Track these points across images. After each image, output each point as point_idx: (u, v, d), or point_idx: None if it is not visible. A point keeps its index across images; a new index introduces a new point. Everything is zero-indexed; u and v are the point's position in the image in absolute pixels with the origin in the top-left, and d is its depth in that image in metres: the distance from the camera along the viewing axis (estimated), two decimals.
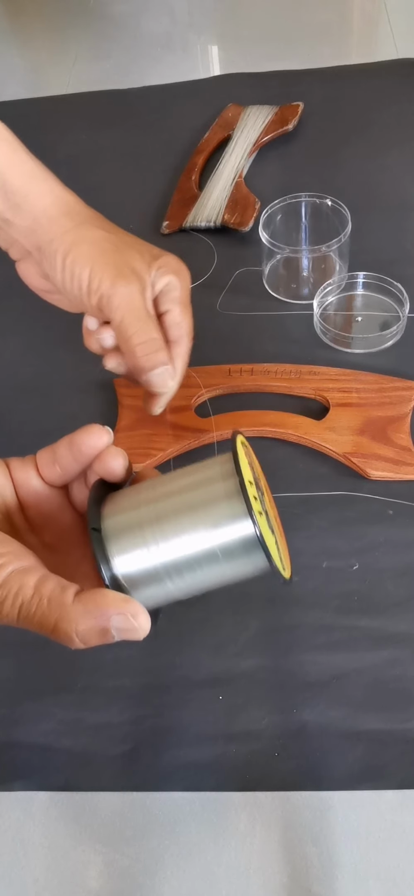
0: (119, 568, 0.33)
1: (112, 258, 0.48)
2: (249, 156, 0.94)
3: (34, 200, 0.49)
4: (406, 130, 0.98)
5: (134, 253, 0.50)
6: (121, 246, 0.50)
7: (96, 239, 0.49)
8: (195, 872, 0.47)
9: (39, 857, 0.48)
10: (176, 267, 0.51)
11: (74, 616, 0.32)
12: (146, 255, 0.50)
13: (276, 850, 0.47)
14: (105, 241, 0.49)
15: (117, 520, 0.34)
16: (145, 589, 0.34)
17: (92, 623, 0.32)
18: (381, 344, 0.71)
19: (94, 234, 0.49)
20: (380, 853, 0.46)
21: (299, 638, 0.54)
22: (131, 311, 0.48)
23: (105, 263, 0.48)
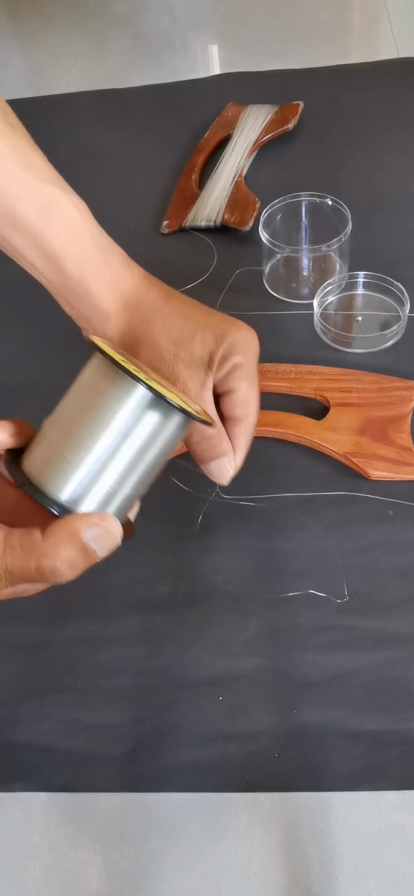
0: (64, 498, 0.35)
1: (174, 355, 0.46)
2: (249, 155, 0.94)
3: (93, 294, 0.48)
4: (406, 130, 0.98)
5: (197, 340, 0.46)
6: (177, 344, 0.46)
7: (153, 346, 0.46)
8: (195, 873, 0.47)
9: (39, 858, 0.48)
10: (241, 342, 0.46)
11: (50, 549, 0.33)
12: (209, 339, 0.46)
13: (276, 851, 0.47)
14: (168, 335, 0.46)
15: (35, 462, 0.36)
16: (96, 501, 0.36)
17: (70, 547, 0.33)
18: (381, 344, 0.71)
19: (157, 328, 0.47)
20: (380, 853, 0.46)
21: (299, 638, 0.54)
22: None
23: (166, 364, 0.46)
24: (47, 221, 0.46)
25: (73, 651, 0.55)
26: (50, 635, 0.56)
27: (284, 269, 0.79)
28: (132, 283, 0.49)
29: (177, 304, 0.48)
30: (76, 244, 0.47)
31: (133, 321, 0.47)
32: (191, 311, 0.48)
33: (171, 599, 0.57)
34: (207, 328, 0.46)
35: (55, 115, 1.12)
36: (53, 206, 0.47)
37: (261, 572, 0.58)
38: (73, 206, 0.48)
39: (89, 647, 0.55)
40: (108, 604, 0.57)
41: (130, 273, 0.49)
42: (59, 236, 0.47)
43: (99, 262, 0.48)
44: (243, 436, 0.48)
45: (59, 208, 0.47)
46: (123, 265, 0.49)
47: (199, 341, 0.46)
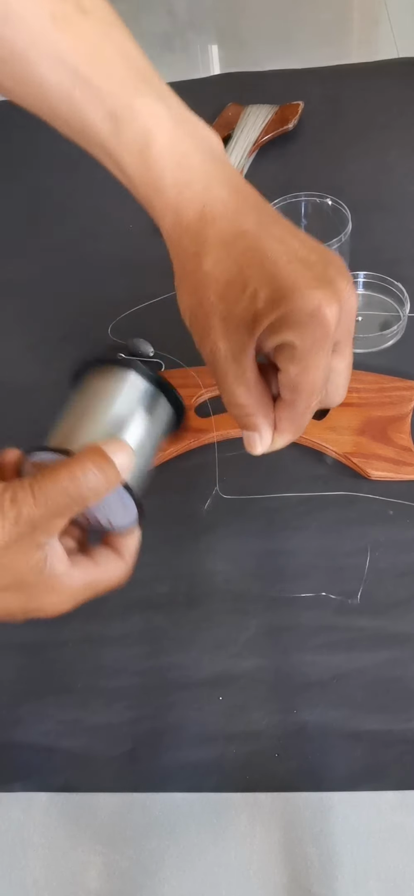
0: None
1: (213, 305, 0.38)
2: (250, 155, 0.94)
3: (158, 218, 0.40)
4: (406, 130, 0.98)
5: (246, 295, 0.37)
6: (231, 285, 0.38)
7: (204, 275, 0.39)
8: (195, 873, 0.47)
9: (39, 858, 0.48)
10: (306, 318, 0.36)
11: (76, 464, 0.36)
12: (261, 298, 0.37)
13: (276, 851, 0.47)
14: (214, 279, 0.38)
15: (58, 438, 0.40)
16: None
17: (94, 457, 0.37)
18: (381, 344, 0.71)
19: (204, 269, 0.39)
20: (380, 853, 0.46)
21: (299, 638, 0.54)
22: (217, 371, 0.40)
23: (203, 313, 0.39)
24: (116, 134, 0.39)
25: (73, 651, 0.55)
26: (50, 635, 0.56)
27: None
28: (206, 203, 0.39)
29: (248, 240, 0.38)
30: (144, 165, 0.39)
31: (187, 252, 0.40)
32: (259, 255, 0.38)
33: (171, 599, 0.57)
34: (266, 283, 0.37)
35: None
36: (123, 115, 0.39)
37: (261, 572, 0.57)
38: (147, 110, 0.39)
39: (89, 647, 0.55)
40: (108, 604, 0.57)
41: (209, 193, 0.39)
42: (128, 153, 0.39)
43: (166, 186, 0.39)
44: (288, 420, 0.41)
45: (128, 117, 0.39)
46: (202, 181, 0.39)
47: (247, 298, 0.37)
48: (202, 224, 0.39)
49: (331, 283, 0.37)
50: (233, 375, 0.39)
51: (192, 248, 0.39)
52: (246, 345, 0.38)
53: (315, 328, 0.36)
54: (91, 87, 0.38)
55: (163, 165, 0.39)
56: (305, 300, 0.36)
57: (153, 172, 0.39)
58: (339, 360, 0.40)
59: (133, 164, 0.39)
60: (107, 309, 0.77)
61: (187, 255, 0.39)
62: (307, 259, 0.37)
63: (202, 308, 0.39)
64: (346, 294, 0.37)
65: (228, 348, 0.38)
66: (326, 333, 0.36)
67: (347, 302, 0.38)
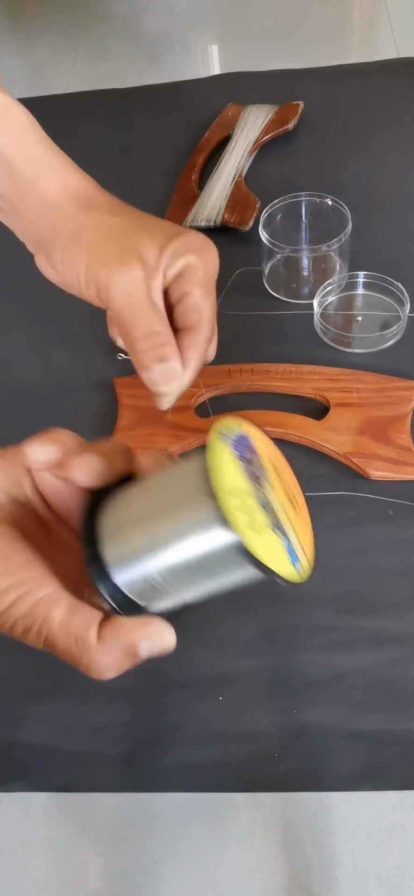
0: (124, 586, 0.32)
1: (115, 243, 0.43)
2: (249, 155, 0.94)
3: (42, 188, 0.46)
4: (406, 130, 0.98)
5: (144, 235, 0.43)
6: (129, 230, 0.44)
7: (100, 223, 0.44)
8: (195, 873, 0.47)
9: (39, 857, 0.48)
10: (197, 245, 0.43)
11: (102, 658, 0.32)
12: (159, 235, 0.43)
13: (276, 851, 0.47)
14: (110, 226, 0.44)
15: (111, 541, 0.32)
16: (154, 602, 0.33)
17: (122, 659, 0.32)
18: (381, 344, 0.71)
19: (99, 219, 0.45)
20: (380, 853, 0.46)
21: (299, 638, 0.54)
22: (130, 301, 0.43)
23: (105, 250, 0.43)
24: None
25: None
26: None
27: (283, 269, 0.79)
28: (83, 182, 0.47)
29: (128, 207, 0.47)
30: (25, 144, 0.47)
31: (79, 213, 0.45)
32: (143, 215, 0.46)
33: None
34: (158, 227, 0.44)
35: (55, 115, 1.12)
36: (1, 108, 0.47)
37: None
38: (22, 111, 0.47)
39: None
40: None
41: (82, 175, 0.48)
42: (8, 137, 0.46)
43: (48, 160, 0.47)
44: (194, 348, 0.44)
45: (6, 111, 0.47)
46: (74, 168, 0.48)
47: (147, 236, 0.43)
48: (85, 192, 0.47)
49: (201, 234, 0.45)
50: (148, 303, 0.43)
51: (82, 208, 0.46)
52: (155, 273, 0.42)
53: (210, 255, 0.44)
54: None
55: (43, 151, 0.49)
56: (198, 236, 0.44)
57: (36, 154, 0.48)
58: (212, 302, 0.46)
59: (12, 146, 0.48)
60: None
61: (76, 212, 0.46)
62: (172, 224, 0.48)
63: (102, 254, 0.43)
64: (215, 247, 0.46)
65: (140, 278, 0.42)
66: (216, 265, 0.45)
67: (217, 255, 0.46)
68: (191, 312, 0.43)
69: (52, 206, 0.46)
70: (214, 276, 0.45)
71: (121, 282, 0.43)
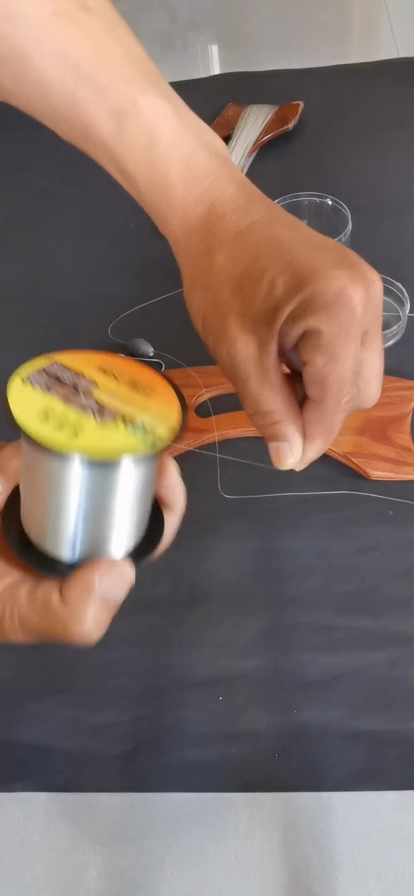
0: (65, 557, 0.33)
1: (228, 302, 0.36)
2: (250, 155, 0.94)
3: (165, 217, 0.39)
4: (406, 130, 0.98)
5: (263, 285, 0.35)
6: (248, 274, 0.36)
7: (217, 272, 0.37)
8: (195, 873, 0.47)
9: (39, 857, 0.48)
10: (332, 299, 0.33)
11: (72, 613, 0.31)
12: (280, 286, 0.34)
13: (276, 851, 0.47)
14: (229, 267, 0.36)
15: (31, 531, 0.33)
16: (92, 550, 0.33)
17: (91, 605, 0.31)
18: None
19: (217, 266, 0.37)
20: (380, 853, 0.46)
21: (299, 638, 0.54)
22: (238, 373, 0.37)
23: (218, 313, 0.36)
24: (119, 132, 0.38)
25: (73, 651, 0.55)
26: None
27: None
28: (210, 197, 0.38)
29: (261, 229, 0.36)
30: (149, 163, 0.38)
31: (197, 251, 0.38)
32: (274, 243, 0.36)
33: (172, 599, 0.57)
34: (284, 270, 0.34)
35: None
36: (127, 112, 0.38)
37: (261, 572, 0.57)
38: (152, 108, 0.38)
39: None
40: None
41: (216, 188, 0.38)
42: (132, 152, 0.38)
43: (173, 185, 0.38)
44: (318, 423, 0.37)
45: (133, 115, 0.38)
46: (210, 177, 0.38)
47: (264, 288, 0.34)
48: (212, 220, 0.37)
49: (354, 265, 0.34)
50: (256, 379, 0.36)
51: (202, 246, 0.37)
52: (267, 341, 0.35)
53: (341, 311, 0.33)
54: (94, 84, 0.37)
55: (169, 163, 0.37)
56: (329, 281, 0.33)
57: (158, 171, 0.38)
58: (369, 352, 0.36)
59: (137, 163, 0.38)
60: (107, 309, 0.77)
61: (197, 253, 0.37)
62: (324, 245, 0.35)
63: (217, 308, 0.36)
64: (371, 277, 0.34)
65: (248, 348, 0.36)
66: (354, 316, 0.33)
67: (374, 286, 0.34)
68: (312, 385, 0.36)
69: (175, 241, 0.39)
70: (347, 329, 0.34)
71: (228, 353, 0.37)
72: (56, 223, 0.94)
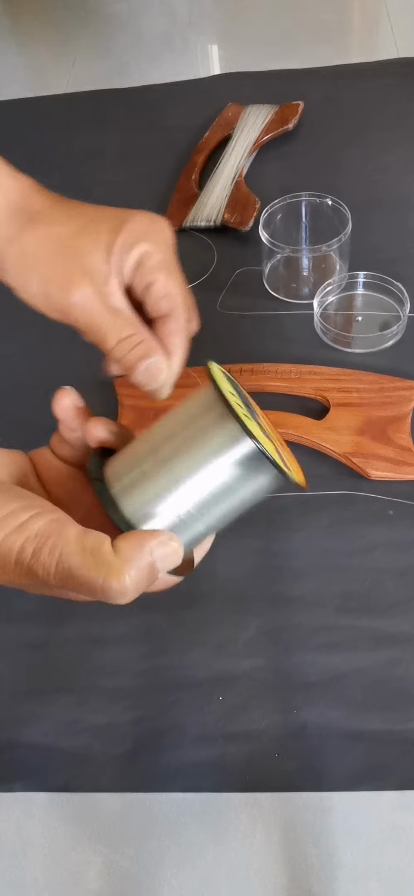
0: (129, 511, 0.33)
1: (60, 263, 0.42)
2: (250, 155, 0.94)
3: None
4: (406, 130, 0.98)
5: (87, 241, 0.41)
6: (70, 239, 0.42)
7: (42, 241, 0.42)
8: (195, 873, 0.47)
9: (39, 857, 0.48)
10: (144, 230, 0.41)
11: (120, 567, 0.30)
12: (104, 233, 0.41)
13: (276, 851, 0.47)
14: (52, 241, 0.42)
15: (116, 466, 0.34)
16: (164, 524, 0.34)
17: (140, 566, 0.31)
18: (381, 344, 0.71)
19: (40, 235, 0.42)
20: (380, 853, 0.46)
21: (299, 638, 0.54)
22: (91, 317, 0.41)
23: (52, 274, 0.41)
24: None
25: (73, 651, 0.55)
26: (50, 635, 0.56)
27: (284, 269, 0.79)
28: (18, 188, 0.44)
29: (68, 206, 0.43)
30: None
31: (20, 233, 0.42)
32: (84, 209, 0.43)
33: (171, 599, 0.57)
34: (102, 222, 0.41)
35: (55, 114, 1.12)
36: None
37: (261, 572, 0.58)
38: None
39: (89, 647, 0.55)
40: (108, 604, 0.57)
41: (14, 178, 0.44)
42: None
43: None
44: (175, 335, 0.42)
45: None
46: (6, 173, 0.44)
47: (91, 239, 0.40)
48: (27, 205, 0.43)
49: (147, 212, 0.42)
50: (108, 313, 0.40)
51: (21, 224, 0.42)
52: (107, 277, 0.40)
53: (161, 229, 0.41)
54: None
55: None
56: (140, 218, 0.40)
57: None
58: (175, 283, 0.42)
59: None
60: None
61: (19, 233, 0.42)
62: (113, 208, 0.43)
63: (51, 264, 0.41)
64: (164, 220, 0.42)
65: (92, 286, 0.40)
66: (170, 240, 0.41)
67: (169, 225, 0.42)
68: (161, 301, 0.41)
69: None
70: (170, 251, 0.42)
71: (76, 303, 0.41)
72: None
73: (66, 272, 0.41)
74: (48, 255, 0.41)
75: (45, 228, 0.42)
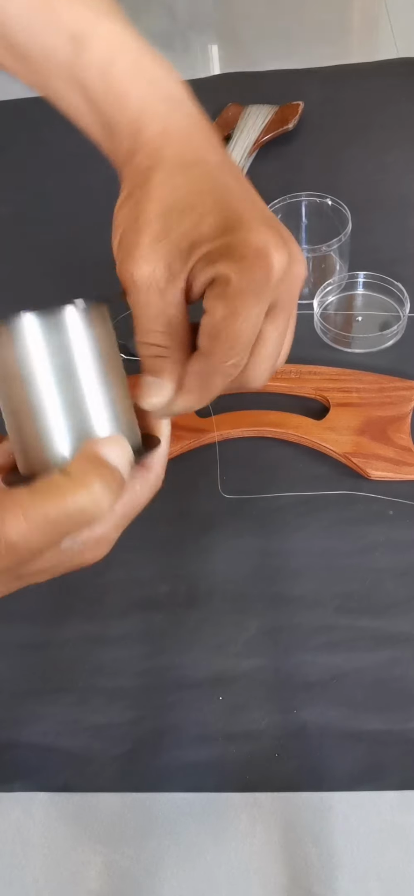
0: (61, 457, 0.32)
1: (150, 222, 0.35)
2: (250, 155, 0.94)
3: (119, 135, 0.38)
4: (406, 130, 0.98)
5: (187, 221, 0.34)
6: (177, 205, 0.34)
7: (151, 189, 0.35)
8: (195, 873, 0.47)
9: (39, 857, 0.48)
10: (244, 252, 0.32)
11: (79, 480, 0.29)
12: (203, 225, 0.33)
13: (276, 851, 0.47)
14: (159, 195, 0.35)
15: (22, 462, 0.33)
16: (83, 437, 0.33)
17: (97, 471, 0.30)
18: (381, 344, 0.71)
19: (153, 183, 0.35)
20: (380, 853, 0.46)
21: (299, 638, 0.54)
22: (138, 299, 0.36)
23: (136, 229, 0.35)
24: (78, 54, 0.38)
25: (73, 651, 0.55)
26: (50, 635, 0.56)
27: None
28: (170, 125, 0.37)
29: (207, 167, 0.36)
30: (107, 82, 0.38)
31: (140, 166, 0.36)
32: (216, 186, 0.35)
33: (171, 599, 0.57)
34: (215, 210, 0.33)
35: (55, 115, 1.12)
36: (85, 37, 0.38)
37: (261, 572, 0.58)
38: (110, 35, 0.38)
39: (89, 647, 0.55)
40: (108, 604, 0.57)
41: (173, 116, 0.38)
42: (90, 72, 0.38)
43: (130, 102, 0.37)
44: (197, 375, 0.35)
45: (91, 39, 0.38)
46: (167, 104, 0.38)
47: (191, 221, 0.33)
48: (162, 141, 0.36)
49: (284, 237, 0.34)
50: (155, 307, 0.35)
51: (145, 163, 0.36)
52: (176, 274, 0.34)
53: (257, 267, 0.32)
54: (52, 10, 0.38)
55: (127, 84, 0.37)
56: (254, 234, 0.32)
57: (116, 90, 0.37)
58: (270, 326, 0.35)
59: (95, 82, 0.37)
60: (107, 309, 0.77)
61: (139, 170, 0.36)
62: (263, 210, 0.36)
63: (137, 223, 0.34)
64: (297, 254, 0.34)
65: (154, 274, 0.34)
66: (267, 278, 0.32)
67: (297, 263, 0.34)
68: (204, 336, 0.34)
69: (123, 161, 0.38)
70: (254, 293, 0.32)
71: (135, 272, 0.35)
72: (56, 223, 0.94)
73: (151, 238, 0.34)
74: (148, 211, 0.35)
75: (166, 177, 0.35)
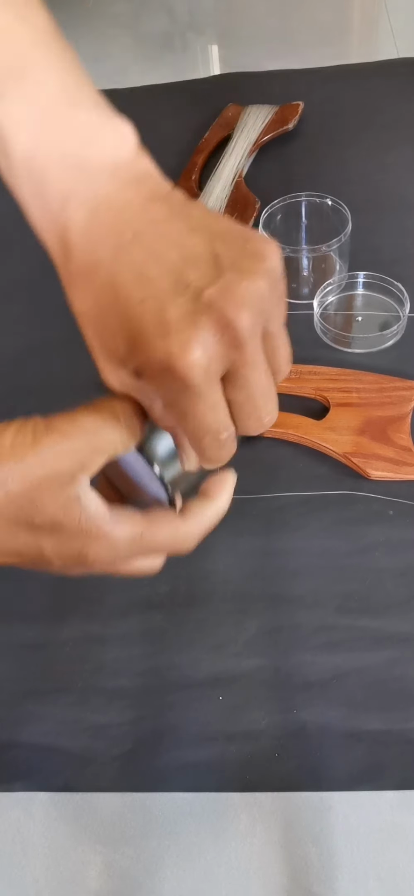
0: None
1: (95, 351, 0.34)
2: (249, 155, 0.94)
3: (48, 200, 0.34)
4: (406, 130, 0.98)
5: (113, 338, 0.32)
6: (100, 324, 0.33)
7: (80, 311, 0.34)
8: (195, 873, 0.47)
9: (39, 857, 0.48)
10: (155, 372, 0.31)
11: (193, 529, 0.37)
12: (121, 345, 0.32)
13: (276, 851, 0.47)
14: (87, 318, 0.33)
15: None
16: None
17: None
18: (381, 344, 0.71)
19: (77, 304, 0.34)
20: (380, 853, 0.46)
21: (299, 638, 0.54)
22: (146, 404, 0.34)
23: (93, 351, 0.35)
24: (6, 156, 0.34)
25: (73, 651, 0.55)
26: (50, 635, 0.56)
27: (284, 270, 0.79)
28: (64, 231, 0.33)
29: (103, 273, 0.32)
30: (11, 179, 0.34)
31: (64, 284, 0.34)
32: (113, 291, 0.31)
33: (171, 599, 0.57)
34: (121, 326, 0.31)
35: None
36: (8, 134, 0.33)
37: (261, 572, 0.58)
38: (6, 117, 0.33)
39: (89, 647, 0.55)
40: (108, 604, 0.57)
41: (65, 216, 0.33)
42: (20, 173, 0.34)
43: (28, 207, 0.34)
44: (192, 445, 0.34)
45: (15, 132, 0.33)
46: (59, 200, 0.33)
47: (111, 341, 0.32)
48: (64, 257, 0.34)
49: (199, 313, 0.29)
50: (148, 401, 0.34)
51: (64, 282, 0.34)
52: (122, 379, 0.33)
53: (171, 381, 0.30)
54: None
55: (21, 184, 0.34)
56: (154, 351, 0.30)
57: (18, 190, 0.34)
58: (235, 392, 0.32)
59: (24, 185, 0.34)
60: None
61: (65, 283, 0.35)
62: (178, 281, 0.30)
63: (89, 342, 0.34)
64: (231, 316, 0.29)
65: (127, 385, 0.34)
66: (186, 385, 0.29)
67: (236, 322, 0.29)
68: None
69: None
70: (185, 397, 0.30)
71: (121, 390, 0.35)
72: None
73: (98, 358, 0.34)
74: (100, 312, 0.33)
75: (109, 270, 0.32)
